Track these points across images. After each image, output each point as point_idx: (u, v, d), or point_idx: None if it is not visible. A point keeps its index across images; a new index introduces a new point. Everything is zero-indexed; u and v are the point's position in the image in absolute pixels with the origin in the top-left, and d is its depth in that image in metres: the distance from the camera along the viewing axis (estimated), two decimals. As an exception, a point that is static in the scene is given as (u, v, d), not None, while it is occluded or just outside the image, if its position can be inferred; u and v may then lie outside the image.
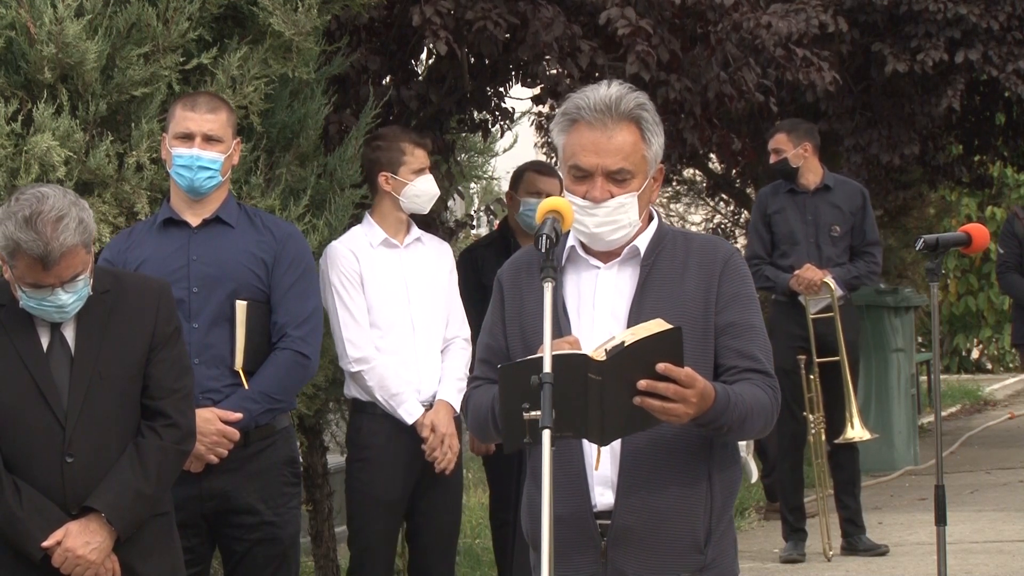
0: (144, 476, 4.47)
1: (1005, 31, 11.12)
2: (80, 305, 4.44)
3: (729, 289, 3.86)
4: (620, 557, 3.80)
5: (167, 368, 4.56)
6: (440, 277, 6.36)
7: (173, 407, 4.55)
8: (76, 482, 4.42)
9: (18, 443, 4.42)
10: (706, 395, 3.65)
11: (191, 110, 5.39)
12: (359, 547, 6.23)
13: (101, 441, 4.45)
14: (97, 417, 4.44)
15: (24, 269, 4.33)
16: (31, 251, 4.28)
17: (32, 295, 4.37)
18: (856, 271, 8.75)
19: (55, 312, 4.40)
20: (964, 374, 20.55)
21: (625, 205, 3.83)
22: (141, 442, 4.51)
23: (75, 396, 4.42)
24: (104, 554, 4.44)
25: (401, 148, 6.25)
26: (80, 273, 4.38)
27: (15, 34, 5.76)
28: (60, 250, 4.30)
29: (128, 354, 4.50)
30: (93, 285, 4.48)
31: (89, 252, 4.42)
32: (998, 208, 19.56)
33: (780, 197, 8.90)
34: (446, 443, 6.13)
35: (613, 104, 3.82)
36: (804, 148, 8.83)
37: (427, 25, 7.07)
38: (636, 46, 7.35)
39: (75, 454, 4.41)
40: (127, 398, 4.50)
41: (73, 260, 4.34)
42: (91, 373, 4.44)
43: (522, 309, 3.91)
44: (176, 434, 4.56)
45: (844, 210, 8.81)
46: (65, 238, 4.30)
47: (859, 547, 8.83)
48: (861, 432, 8.58)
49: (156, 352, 4.54)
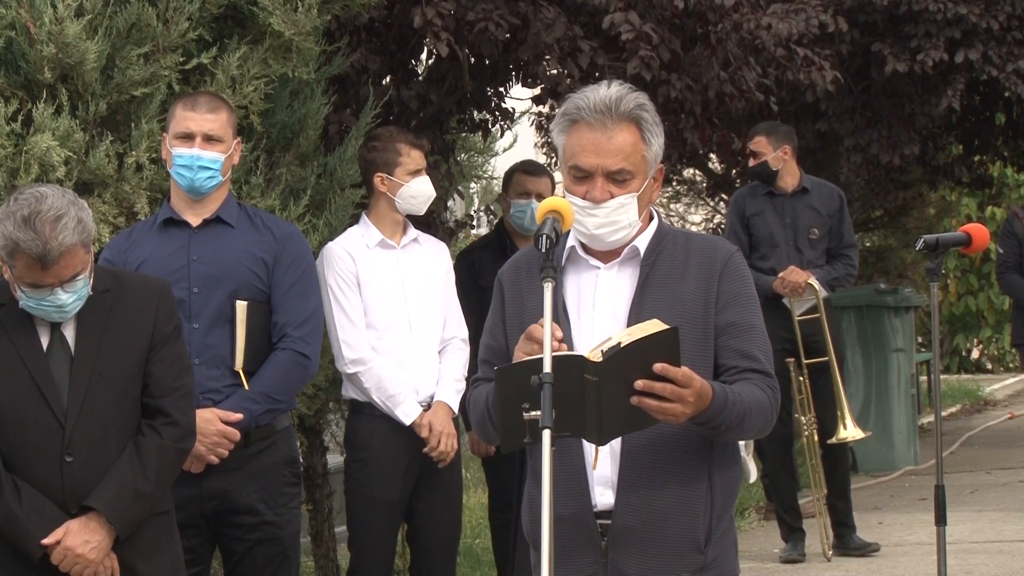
0: (144, 475, 4.47)
1: (1005, 31, 11.12)
2: (80, 305, 4.44)
3: (729, 289, 3.86)
4: (620, 557, 3.80)
5: (167, 367, 4.55)
6: (437, 277, 6.35)
7: (173, 405, 4.55)
8: (75, 481, 4.42)
9: (17, 442, 4.41)
10: (704, 394, 3.65)
11: (191, 110, 5.38)
12: (358, 547, 6.24)
13: (100, 440, 4.45)
14: (96, 416, 4.44)
15: (23, 269, 4.33)
16: (30, 250, 4.28)
17: (31, 295, 4.37)
18: (835, 272, 8.76)
19: (54, 312, 4.40)
20: (964, 374, 20.56)
21: (625, 205, 3.83)
22: (140, 441, 4.50)
23: (75, 395, 4.42)
24: (103, 553, 4.44)
25: (397, 149, 6.25)
26: (79, 273, 4.38)
27: (15, 34, 5.75)
28: (59, 250, 4.29)
29: (128, 353, 4.50)
30: (93, 284, 4.47)
31: (88, 252, 4.42)
32: (998, 208, 19.57)
33: (758, 200, 8.87)
34: (444, 443, 6.13)
35: (613, 104, 3.82)
36: (784, 151, 8.78)
37: (428, 27, 7.07)
38: (639, 51, 7.36)
39: (74, 453, 4.41)
40: (127, 397, 4.50)
41: (72, 260, 4.34)
42: (90, 372, 4.44)
43: (523, 309, 3.91)
44: (176, 432, 4.55)
45: (822, 213, 8.79)
46: (64, 237, 4.30)
47: (850, 546, 8.84)
48: (854, 431, 8.56)
49: (156, 351, 4.53)
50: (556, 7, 7.49)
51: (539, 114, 12.37)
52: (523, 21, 7.36)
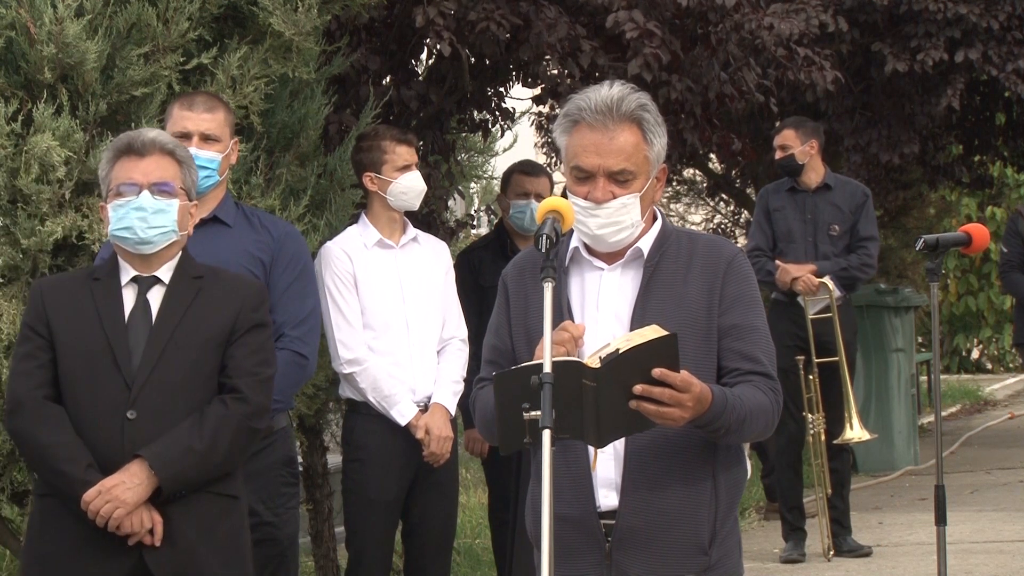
0: (199, 435, 4.38)
1: (1005, 31, 11.12)
2: (162, 232, 4.45)
3: (732, 291, 3.85)
4: (624, 558, 3.79)
5: (248, 352, 4.50)
6: (436, 277, 6.35)
7: (247, 386, 4.47)
8: (137, 441, 4.35)
9: (85, 401, 4.39)
10: (703, 398, 3.65)
11: (188, 109, 5.38)
12: (356, 547, 6.24)
13: (167, 406, 4.39)
14: (166, 383, 4.40)
15: (118, 168, 4.46)
16: (123, 139, 4.50)
17: (119, 205, 4.43)
18: (846, 263, 8.75)
19: (137, 220, 4.42)
20: (964, 374, 20.56)
21: (627, 206, 3.82)
22: (206, 408, 4.44)
23: (147, 360, 4.40)
24: (139, 496, 4.33)
25: (382, 147, 6.24)
26: (168, 184, 4.46)
27: (15, 34, 5.75)
28: (153, 143, 4.48)
29: (208, 329, 4.47)
30: (184, 263, 4.53)
31: (183, 182, 4.52)
32: (998, 208, 19.57)
33: (781, 195, 8.93)
34: (439, 446, 6.12)
35: (614, 105, 3.81)
36: (811, 145, 8.85)
37: (430, 26, 7.07)
38: (644, 49, 7.35)
39: (138, 412, 4.36)
40: (200, 371, 4.45)
41: (163, 161, 4.48)
42: (167, 340, 4.42)
43: (527, 310, 3.91)
44: (244, 408, 4.46)
45: (844, 209, 8.83)
46: (158, 136, 4.54)
47: (843, 548, 8.85)
48: (860, 432, 8.58)
49: (238, 335, 4.50)
50: (557, 6, 7.49)
51: (539, 114, 12.37)
52: (524, 21, 7.36)
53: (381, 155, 6.23)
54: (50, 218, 5.67)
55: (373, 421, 6.14)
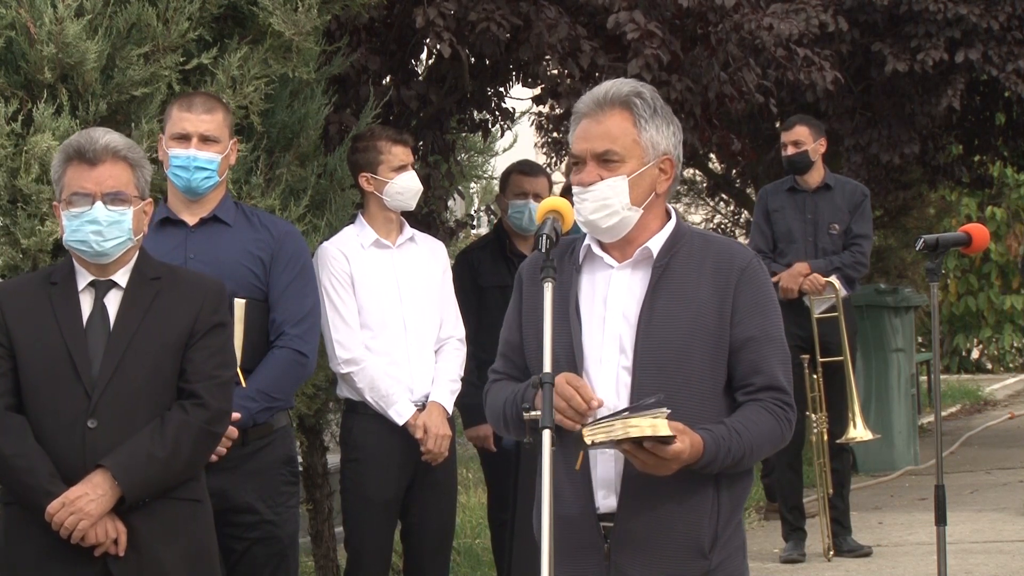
0: (160, 443, 4.38)
1: (1005, 31, 11.12)
2: (118, 243, 4.42)
3: (746, 301, 3.81)
4: (623, 560, 3.79)
5: (207, 355, 4.50)
6: (433, 277, 6.35)
7: (206, 391, 4.48)
8: (97, 449, 4.35)
9: (45, 408, 4.38)
10: (694, 451, 3.68)
11: (187, 110, 5.38)
12: (354, 547, 6.24)
13: (127, 412, 4.39)
14: (126, 389, 4.39)
15: (70, 175, 4.40)
16: (74, 144, 4.40)
17: (73, 215, 4.39)
18: (839, 261, 8.76)
19: (92, 234, 4.38)
20: (964, 374, 20.55)
21: (614, 187, 3.80)
22: (166, 415, 4.44)
23: (106, 366, 4.39)
24: (103, 507, 4.34)
25: (377, 147, 6.24)
26: (121, 192, 4.40)
27: (15, 34, 5.75)
28: (105, 149, 4.39)
29: (166, 333, 4.45)
30: (141, 264, 4.49)
31: (136, 186, 4.45)
32: (998, 208, 19.56)
33: (780, 195, 8.93)
34: (437, 444, 6.12)
35: (607, 93, 3.84)
36: (820, 143, 8.88)
37: (430, 27, 7.07)
38: (644, 50, 7.36)
39: (99, 420, 4.36)
40: (159, 376, 4.44)
41: (115, 169, 4.41)
42: (125, 346, 4.41)
43: (536, 307, 3.89)
44: (204, 414, 4.47)
45: (844, 209, 8.84)
46: (110, 140, 4.42)
47: (843, 548, 8.85)
48: (863, 432, 8.58)
49: (197, 338, 4.48)
50: (557, 7, 7.49)
51: (539, 114, 12.37)
52: (524, 21, 7.36)
53: (377, 155, 6.23)
54: (50, 218, 5.67)
55: (371, 421, 6.14)
